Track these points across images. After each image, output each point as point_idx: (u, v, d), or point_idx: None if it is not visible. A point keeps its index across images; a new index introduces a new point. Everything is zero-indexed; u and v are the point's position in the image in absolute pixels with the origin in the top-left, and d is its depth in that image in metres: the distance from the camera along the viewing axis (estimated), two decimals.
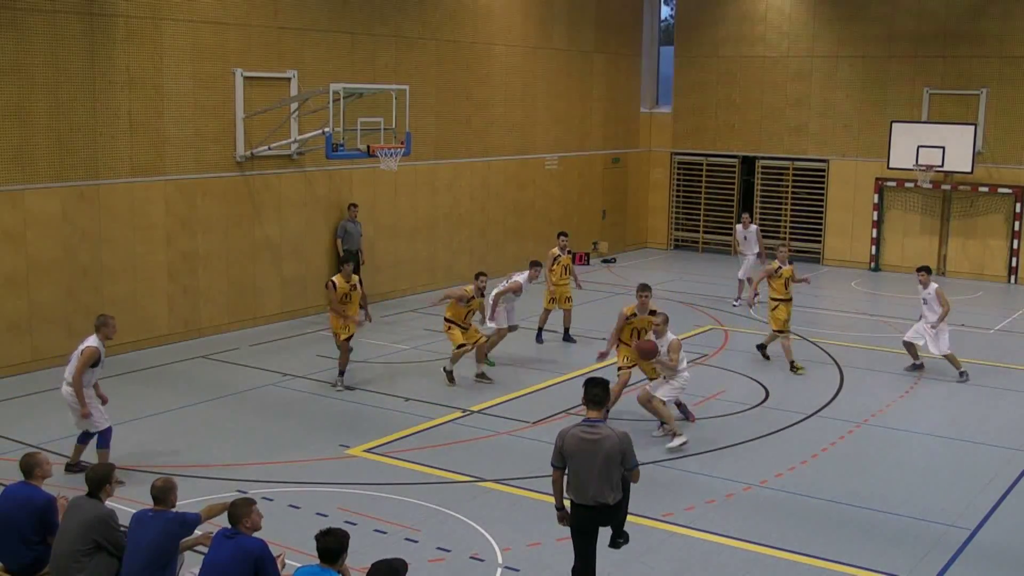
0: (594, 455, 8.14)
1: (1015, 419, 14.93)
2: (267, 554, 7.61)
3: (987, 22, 25.84)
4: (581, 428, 8.27)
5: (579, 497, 8.30)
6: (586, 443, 8.18)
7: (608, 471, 8.18)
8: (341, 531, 7.31)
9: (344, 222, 20.74)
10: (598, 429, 8.22)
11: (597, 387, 8.38)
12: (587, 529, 8.45)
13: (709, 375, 16.88)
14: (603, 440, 8.16)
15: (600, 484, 8.18)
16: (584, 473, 8.20)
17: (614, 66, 28.95)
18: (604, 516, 8.41)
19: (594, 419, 8.29)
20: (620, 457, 8.20)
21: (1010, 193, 25.83)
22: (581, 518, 8.42)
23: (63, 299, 16.49)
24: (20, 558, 8.32)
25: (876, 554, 10.32)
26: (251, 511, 7.71)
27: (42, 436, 13.10)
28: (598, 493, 8.20)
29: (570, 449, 8.23)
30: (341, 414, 14.48)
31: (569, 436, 8.28)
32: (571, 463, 8.26)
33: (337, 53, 20.50)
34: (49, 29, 15.95)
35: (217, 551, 7.59)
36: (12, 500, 8.43)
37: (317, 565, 7.26)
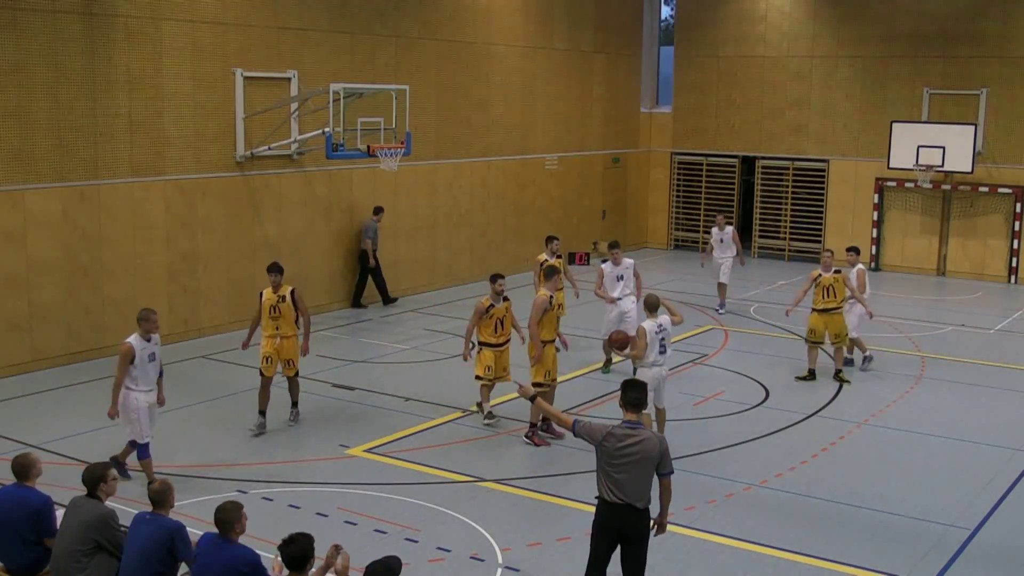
0: (634, 454, 8.11)
1: (1015, 419, 14.92)
2: (262, 568, 7.57)
3: (987, 22, 25.84)
4: (625, 428, 8.22)
5: (611, 495, 8.19)
6: (629, 442, 8.13)
7: (646, 473, 8.17)
8: (304, 536, 7.24)
9: (372, 222, 21.07)
10: (639, 430, 8.21)
11: (635, 390, 8.34)
12: (608, 530, 8.31)
13: (709, 375, 16.89)
14: (644, 443, 8.15)
15: (634, 485, 8.13)
16: (619, 474, 8.13)
17: (614, 66, 28.95)
18: (632, 520, 8.22)
19: (633, 421, 8.25)
20: (658, 460, 8.19)
21: (1010, 193, 25.83)
22: (606, 517, 8.30)
23: (63, 299, 16.48)
24: (20, 559, 8.32)
25: (876, 554, 10.31)
26: (242, 516, 7.65)
27: (42, 436, 13.10)
28: (630, 493, 8.13)
29: (609, 446, 8.15)
30: (341, 414, 14.48)
31: (610, 437, 8.18)
32: (605, 459, 8.18)
33: (337, 53, 20.50)
34: (49, 29, 15.94)
35: (210, 559, 7.53)
36: (9, 501, 8.43)
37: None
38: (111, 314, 17.11)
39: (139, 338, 11.41)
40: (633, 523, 8.22)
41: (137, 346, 11.35)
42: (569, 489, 11.83)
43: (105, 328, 17.03)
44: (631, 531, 8.26)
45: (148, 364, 11.45)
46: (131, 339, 11.41)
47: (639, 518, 8.21)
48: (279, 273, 13.38)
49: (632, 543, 8.30)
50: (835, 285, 16.29)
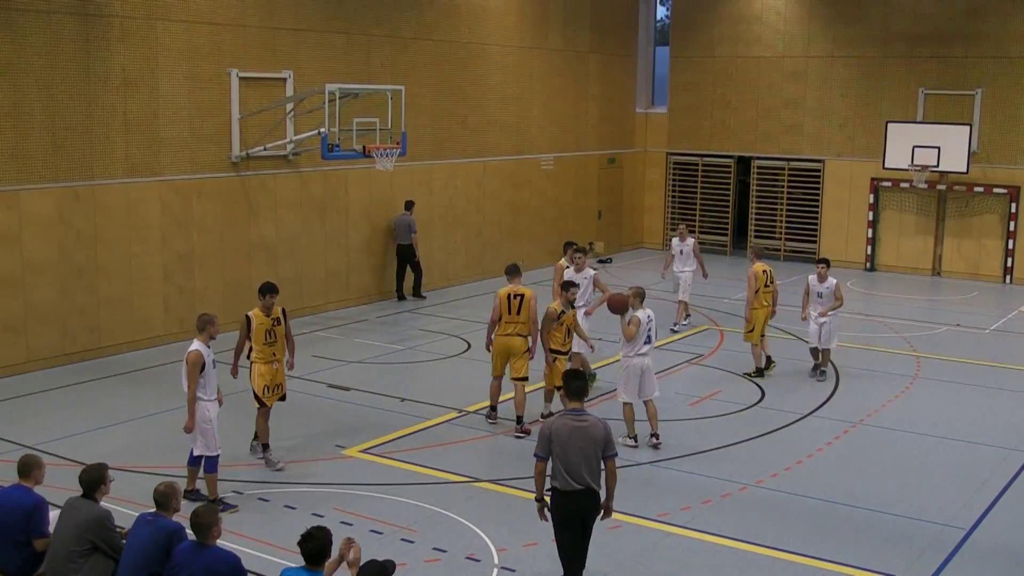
0: (584, 439, 8.51)
1: (1011, 419, 14.94)
2: (242, 570, 7.55)
3: (982, 23, 25.88)
4: (568, 417, 8.63)
5: (567, 483, 8.54)
6: (576, 430, 8.53)
7: (595, 456, 8.56)
8: (322, 532, 7.25)
9: (406, 218, 21.54)
10: (584, 417, 8.62)
11: (578, 379, 8.84)
12: (572, 518, 8.66)
13: (705, 375, 16.90)
14: (590, 427, 8.56)
15: (588, 468, 8.52)
16: (574, 458, 8.50)
17: (610, 66, 28.97)
18: (589, 501, 8.63)
19: (577, 408, 8.66)
20: (604, 444, 8.58)
21: (1005, 193, 25.87)
22: (567, 506, 8.63)
23: (58, 300, 16.46)
24: (13, 561, 8.30)
25: (872, 554, 10.32)
26: (218, 520, 7.60)
27: (37, 437, 13.08)
28: (586, 476, 8.51)
29: (560, 437, 8.52)
30: (337, 414, 14.46)
31: (557, 425, 8.60)
32: (560, 450, 8.53)
33: (332, 53, 20.49)
34: (44, 29, 15.92)
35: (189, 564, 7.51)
36: (5, 501, 8.42)
37: (303, 567, 7.24)
38: (106, 315, 17.09)
39: (203, 344, 10.95)
40: (592, 507, 8.67)
41: (205, 353, 10.92)
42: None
43: (100, 329, 17.02)
44: (591, 515, 8.70)
45: (212, 371, 11.01)
46: (197, 346, 10.90)
47: (596, 501, 8.67)
48: (276, 294, 12.23)
49: (588, 527, 8.74)
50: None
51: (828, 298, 16.45)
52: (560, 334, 13.65)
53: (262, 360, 12.17)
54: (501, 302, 13.65)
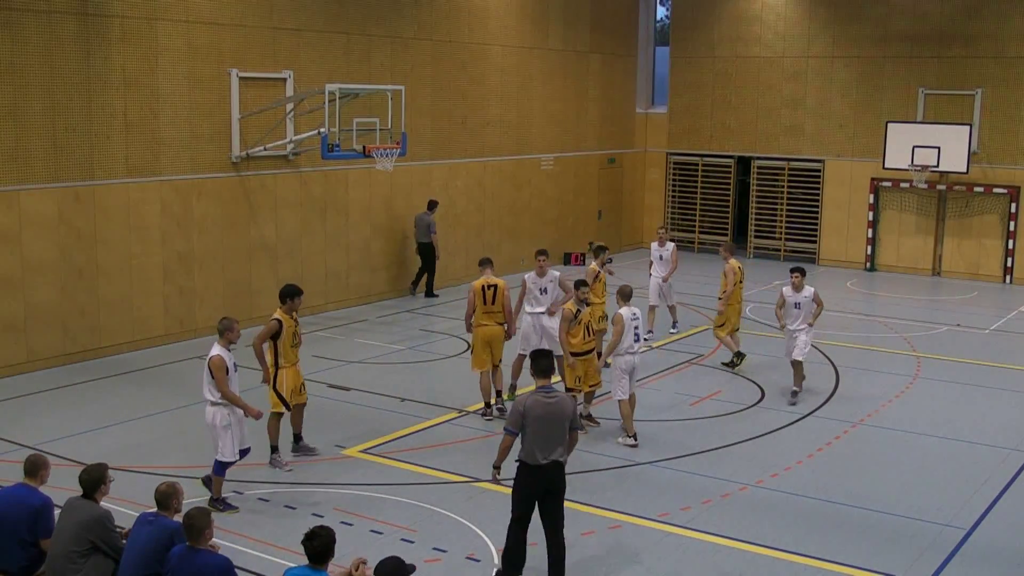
0: (554, 416, 9.14)
1: (1011, 419, 14.95)
2: (233, 573, 7.55)
3: (981, 22, 25.88)
4: (540, 394, 9.24)
5: (538, 457, 9.13)
6: (549, 406, 9.16)
7: (563, 430, 9.22)
8: (327, 531, 7.27)
9: (425, 217, 21.91)
10: (553, 393, 9.29)
11: (545, 359, 9.49)
12: (538, 490, 9.23)
13: (705, 375, 16.90)
14: (560, 403, 9.26)
15: (559, 442, 9.18)
16: (547, 433, 9.12)
17: (610, 66, 28.97)
18: (556, 474, 9.23)
19: (546, 385, 9.31)
20: (571, 418, 9.27)
21: (1005, 193, 25.87)
22: (536, 479, 9.21)
23: (58, 300, 16.46)
24: (15, 560, 8.30)
25: (872, 554, 10.33)
26: (211, 523, 7.60)
27: (37, 437, 13.08)
28: (554, 449, 9.15)
29: (534, 413, 9.09)
30: (337, 415, 14.46)
31: (532, 402, 9.17)
32: (534, 426, 9.11)
33: (332, 53, 20.49)
34: (44, 29, 15.92)
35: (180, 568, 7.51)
36: (9, 499, 8.42)
37: (306, 566, 7.25)
38: (106, 315, 17.09)
39: (224, 349, 10.88)
40: (558, 477, 9.26)
41: (227, 357, 10.82)
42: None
43: (100, 329, 17.02)
44: (557, 485, 9.29)
45: (233, 375, 10.92)
46: (218, 351, 10.80)
47: (562, 472, 9.28)
48: (301, 296, 12.40)
49: (555, 495, 9.31)
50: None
51: (806, 309, 15.30)
52: (579, 335, 13.56)
53: (289, 364, 12.19)
54: (476, 293, 14.11)
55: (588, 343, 13.70)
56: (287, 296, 12.26)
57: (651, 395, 15.68)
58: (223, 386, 10.75)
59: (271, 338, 12.02)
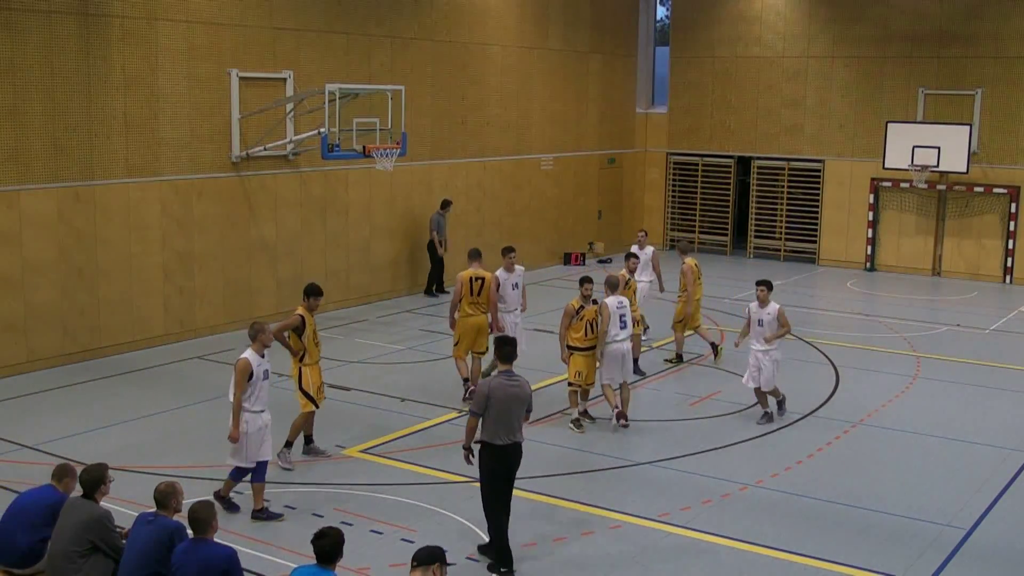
0: (516, 399, 9.65)
1: (1011, 419, 14.95)
2: (237, 563, 7.57)
3: (981, 22, 25.88)
4: (503, 378, 9.72)
5: (500, 438, 9.60)
6: (511, 390, 9.64)
7: (522, 413, 9.79)
8: (337, 531, 7.29)
9: (436, 216, 22.29)
10: (515, 378, 9.76)
11: (508, 345, 9.99)
12: (501, 469, 9.71)
13: (705, 375, 16.90)
14: (522, 387, 9.76)
15: (516, 423, 9.69)
16: (508, 415, 9.60)
17: (610, 66, 28.97)
18: (517, 453, 9.78)
19: (509, 371, 9.79)
20: (529, 401, 9.82)
21: (1005, 193, 25.87)
22: (499, 458, 9.68)
23: (58, 300, 16.46)
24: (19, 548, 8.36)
25: (872, 554, 10.33)
26: (215, 515, 7.66)
27: (37, 437, 13.08)
28: (515, 431, 9.67)
29: (497, 396, 9.55)
30: (337, 414, 14.45)
31: (495, 385, 9.64)
32: (497, 409, 9.56)
33: (332, 53, 20.49)
34: (44, 30, 15.92)
35: (187, 560, 7.53)
36: (33, 494, 8.62)
37: (314, 565, 7.26)
38: (106, 315, 17.10)
39: (255, 354, 10.72)
40: (518, 457, 9.82)
41: (254, 362, 10.67)
42: (565, 489, 11.84)
43: (101, 329, 17.02)
44: (516, 464, 9.83)
45: (262, 382, 10.76)
46: (248, 355, 10.66)
47: (520, 452, 9.82)
48: (322, 296, 12.59)
49: (513, 475, 9.85)
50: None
51: (769, 327, 14.05)
52: (580, 331, 13.72)
53: (313, 361, 12.30)
54: (463, 284, 14.76)
55: (590, 340, 13.76)
56: (311, 294, 12.45)
57: (651, 395, 15.70)
58: (238, 390, 10.57)
59: (294, 331, 12.14)
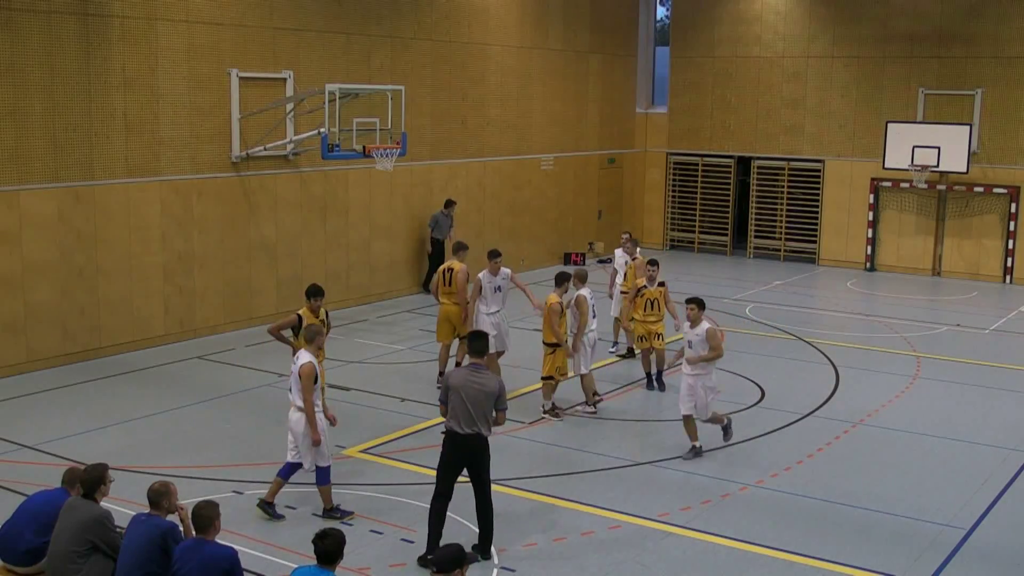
0: (477, 391, 9.71)
1: (1011, 419, 14.95)
2: (238, 563, 7.57)
3: (981, 22, 25.88)
4: (469, 370, 9.94)
5: (459, 426, 9.73)
6: (471, 381, 9.77)
7: (486, 406, 9.76)
8: (338, 532, 7.30)
9: (437, 213, 22.38)
10: (482, 372, 9.89)
11: (479, 340, 10.20)
12: (456, 456, 9.85)
13: None
14: (485, 381, 9.80)
15: (478, 416, 9.70)
16: (467, 406, 9.69)
17: (610, 66, 28.97)
18: (477, 443, 9.77)
19: (477, 364, 9.95)
20: (496, 397, 9.79)
21: (1005, 193, 25.87)
22: (456, 446, 9.80)
23: (58, 300, 16.46)
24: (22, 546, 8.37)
25: (872, 554, 10.33)
26: (218, 514, 7.67)
27: (37, 437, 13.08)
28: (476, 422, 9.70)
29: (456, 385, 9.74)
30: (337, 415, 14.44)
31: (457, 375, 9.95)
32: (455, 398, 9.72)
33: (332, 53, 20.49)
34: (44, 30, 15.92)
35: (188, 559, 7.53)
36: (45, 495, 8.65)
37: (314, 566, 7.27)
38: (106, 315, 17.09)
39: (315, 357, 10.85)
40: (480, 448, 9.83)
41: (316, 365, 10.76)
42: (565, 490, 11.83)
43: (101, 329, 17.02)
44: (478, 455, 9.85)
45: (316, 386, 10.83)
46: (309, 358, 10.70)
47: (483, 444, 9.84)
48: (323, 297, 12.71)
49: (479, 463, 9.88)
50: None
51: (698, 348, 12.69)
52: (563, 327, 14.21)
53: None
54: (438, 275, 15.48)
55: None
56: (311, 295, 12.76)
57: (651, 395, 15.70)
58: (308, 395, 10.56)
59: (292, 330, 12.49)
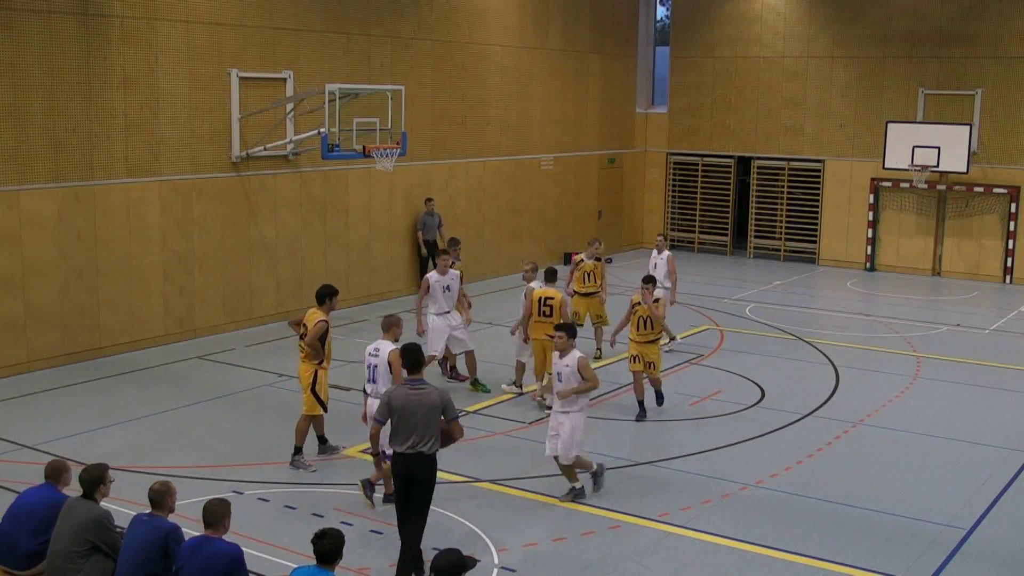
0: (418, 408, 9.34)
1: (1011, 419, 14.95)
2: (242, 562, 7.58)
3: (981, 23, 25.88)
4: (407, 386, 9.50)
5: (401, 445, 9.40)
6: (410, 398, 9.38)
7: (429, 422, 9.36)
8: (337, 532, 7.30)
9: (423, 215, 22.20)
10: (421, 387, 9.47)
11: (410, 353, 9.62)
12: (402, 476, 9.48)
13: (705, 375, 16.89)
14: (426, 396, 9.41)
15: (420, 433, 9.34)
16: (408, 424, 9.34)
17: (610, 66, 28.97)
18: (419, 463, 9.39)
19: (416, 379, 9.51)
20: (443, 409, 9.44)
21: (1005, 193, 25.87)
22: (400, 466, 9.47)
23: (59, 300, 16.46)
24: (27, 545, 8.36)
25: (872, 554, 10.33)
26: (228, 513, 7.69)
27: (37, 437, 13.08)
28: (418, 441, 9.34)
29: (396, 404, 9.38)
30: (337, 415, 14.41)
31: (396, 393, 9.50)
32: (397, 417, 9.39)
33: (332, 53, 20.49)
34: (44, 30, 15.92)
35: (193, 555, 7.53)
36: (34, 496, 8.60)
37: (314, 566, 7.27)
38: (106, 315, 17.09)
39: (394, 344, 11.12)
40: (423, 468, 9.43)
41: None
42: (565, 489, 11.82)
43: (101, 329, 17.02)
44: (421, 475, 9.44)
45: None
46: (393, 346, 11.10)
47: (427, 463, 9.44)
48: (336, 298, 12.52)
49: (421, 485, 9.46)
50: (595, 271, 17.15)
51: (571, 380, 11.21)
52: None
53: (328, 365, 12.48)
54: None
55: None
56: (326, 297, 12.31)
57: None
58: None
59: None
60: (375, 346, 11.36)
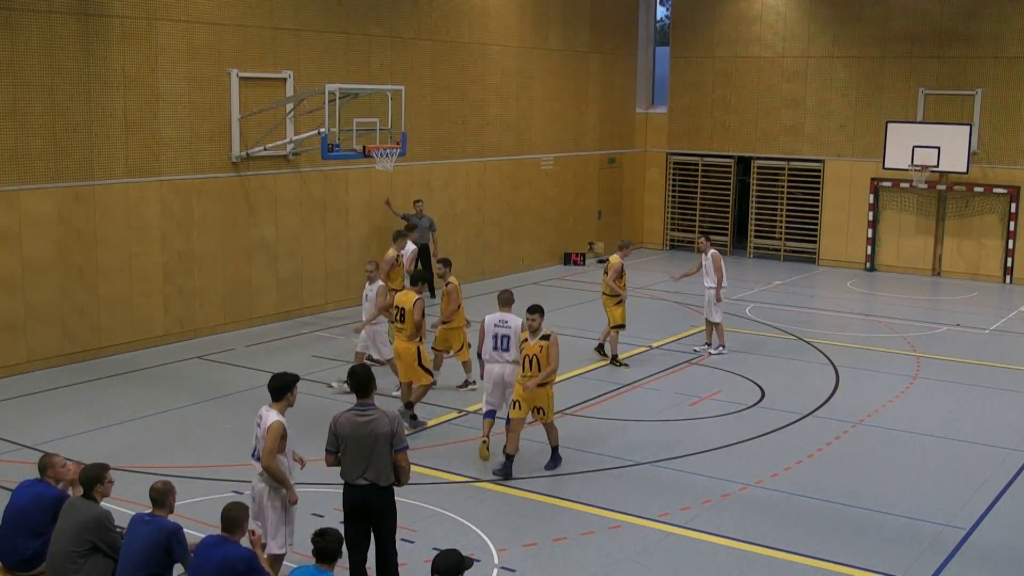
0: (366, 436, 8.52)
1: (1010, 419, 14.95)
2: (258, 567, 7.59)
3: (981, 22, 25.88)
4: (354, 412, 8.65)
5: (350, 476, 8.63)
6: (357, 425, 8.56)
7: (380, 451, 8.54)
8: (336, 531, 7.32)
9: (411, 217, 21.57)
10: (369, 412, 8.60)
11: (354, 376, 8.80)
12: (354, 509, 8.71)
13: (705, 375, 16.90)
14: (374, 421, 8.55)
15: (371, 462, 8.54)
16: (355, 452, 8.56)
17: (610, 66, 28.97)
18: (373, 494, 8.62)
19: (365, 403, 8.66)
20: (392, 437, 8.55)
21: (1005, 193, 25.87)
22: (351, 498, 8.70)
23: (58, 300, 16.46)
24: (29, 547, 8.36)
25: (872, 554, 10.33)
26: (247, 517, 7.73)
27: (37, 437, 13.08)
28: (369, 472, 8.55)
29: (343, 431, 8.58)
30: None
31: (342, 419, 8.65)
32: (344, 446, 8.61)
33: (332, 53, 20.49)
34: (44, 30, 15.92)
35: (210, 555, 7.56)
36: (27, 493, 8.60)
37: (313, 565, 7.27)
38: (106, 315, 17.09)
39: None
40: (378, 500, 8.62)
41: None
42: (565, 490, 11.83)
43: (100, 329, 17.02)
44: (376, 508, 8.64)
45: None
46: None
47: (383, 496, 8.64)
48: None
49: (377, 520, 8.69)
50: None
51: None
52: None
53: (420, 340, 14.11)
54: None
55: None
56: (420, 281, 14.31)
57: (651, 395, 15.70)
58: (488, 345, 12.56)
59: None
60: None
